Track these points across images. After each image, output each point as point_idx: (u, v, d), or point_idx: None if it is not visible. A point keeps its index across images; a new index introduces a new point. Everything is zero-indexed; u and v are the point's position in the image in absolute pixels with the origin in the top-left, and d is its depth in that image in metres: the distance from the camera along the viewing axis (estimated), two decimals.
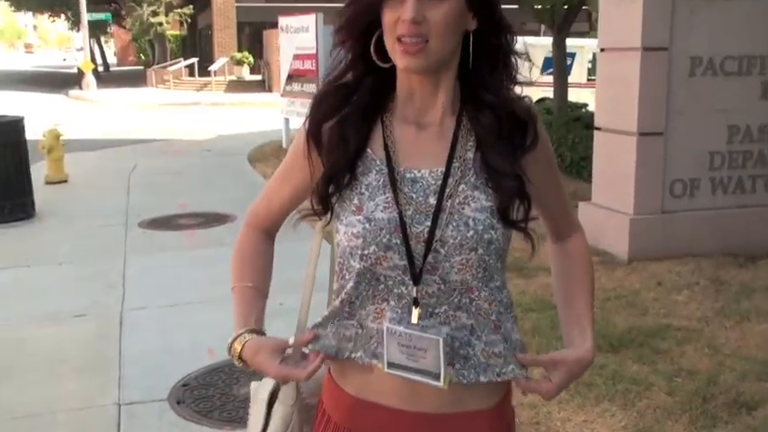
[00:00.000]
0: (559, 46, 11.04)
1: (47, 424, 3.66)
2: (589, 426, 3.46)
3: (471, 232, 1.36)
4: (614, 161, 6.11)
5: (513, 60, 1.43)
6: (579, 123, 9.77)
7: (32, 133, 8.84)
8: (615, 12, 5.98)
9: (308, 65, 11.62)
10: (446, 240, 1.36)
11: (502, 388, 1.48)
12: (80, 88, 29.85)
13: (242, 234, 1.64)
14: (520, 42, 1.45)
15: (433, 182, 1.40)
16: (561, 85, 11.27)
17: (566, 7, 10.71)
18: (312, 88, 11.16)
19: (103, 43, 50.40)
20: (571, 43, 12.50)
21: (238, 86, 29.28)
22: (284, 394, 1.55)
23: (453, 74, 1.42)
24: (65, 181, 9.87)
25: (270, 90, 26.36)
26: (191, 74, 32.41)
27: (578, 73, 16.06)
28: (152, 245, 6.82)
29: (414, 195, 1.39)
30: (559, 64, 11.23)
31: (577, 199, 6.64)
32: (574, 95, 12.60)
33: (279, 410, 1.55)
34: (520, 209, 1.42)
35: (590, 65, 15.86)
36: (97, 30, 42.62)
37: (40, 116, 16.32)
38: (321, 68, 11.08)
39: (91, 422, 3.67)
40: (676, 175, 5.92)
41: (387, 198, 1.39)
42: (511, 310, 1.45)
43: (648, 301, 4.95)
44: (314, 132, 1.45)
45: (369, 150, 1.43)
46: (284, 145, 12.26)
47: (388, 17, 1.35)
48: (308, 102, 1.53)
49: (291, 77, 12.27)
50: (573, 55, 15.03)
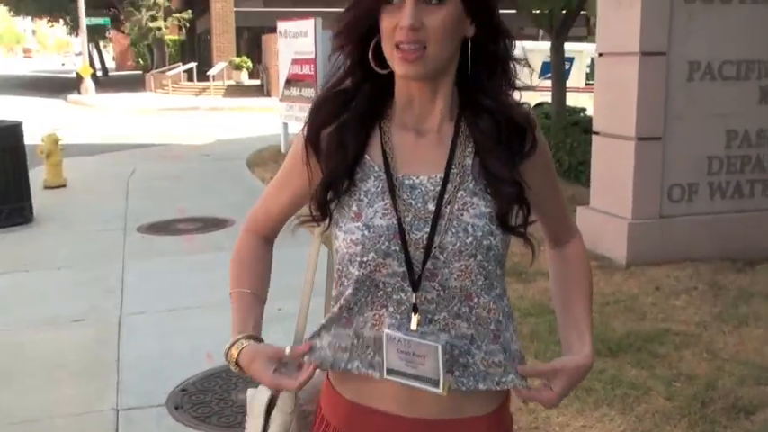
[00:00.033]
0: (557, 50, 11.05)
1: (45, 429, 3.65)
2: (588, 430, 3.46)
3: (470, 238, 1.36)
4: (612, 166, 6.11)
5: (512, 66, 1.43)
6: (577, 128, 9.77)
7: (31, 138, 8.84)
8: (613, 16, 5.98)
9: (307, 69, 11.63)
10: (445, 247, 1.36)
11: (500, 394, 1.48)
12: (79, 93, 29.85)
13: (240, 239, 1.64)
14: (518, 47, 1.45)
15: (432, 188, 1.39)
16: (559, 90, 11.28)
17: (564, 12, 10.72)
18: (311, 93, 11.18)
19: (102, 48, 50.40)
20: (569, 48, 12.52)
21: (237, 91, 29.29)
22: (282, 402, 1.54)
23: (451, 80, 1.42)
24: (63, 186, 9.86)
25: (268, 95, 26.38)
26: (189, 78, 32.41)
27: (576, 77, 16.08)
28: (150, 250, 6.82)
29: (412, 202, 1.39)
30: (558, 68, 11.23)
31: (576, 203, 6.65)
32: (572, 100, 12.61)
33: (277, 418, 1.55)
34: (519, 214, 1.42)
35: (588, 69, 15.88)
36: (96, 34, 42.64)
37: (39, 121, 16.30)
38: (320, 73, 11.10)
39: (89, 427, 3.66)
40: (674, 180, 5.92)
41: (385, 205, 1.39)
42: (511, 320, 1.45)
43: (647, 306, 4.95)
44: (312, 139, 1.45)
45: (367, 157, 1.43)
46: (283, 149, 12.26)
47: (386, 23, 1.35)
48: (307, 106, 1.53)
49: (290, 82, 12.28)
50: (571, 59, 15.05)
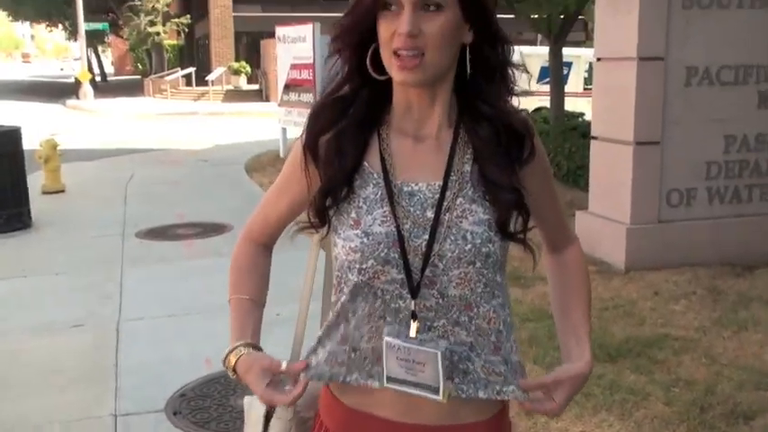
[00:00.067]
0: (556, 55, 11.06)
1: None
2: None
3: (469, 246, 1.36)
4: (611, 170, 6.11)
5: (510, 72, 1.43)
6: (576, 132, 9.78)
7: (29, 143, 8.84)
8: (611, 22, 5.99)
9: (305, 74, 11.65)
10: (444, 254, 1.36)
11: (500, 400, 1.47)
12: (77, 98, 29.88)
13: (239, 245, 1.64)
14: (516, 53, 1.45)
15: (431, 195, 1.39)
16: (558, 95, 11.29)
17: (562, 17, 10.74)
18: (309, 98, 11.18)
19: (101, 53, 50.45)
20: (567, 53, 12.54)
21: (236, 96, 29.32)
22: (281, 409, 1.54)
23: (450, 86, 1.42)
24: (62, 191, 9.86)
25: (267, 99, 26.40)
26: (188, 83, 32.45)
27: (575, 82, 16.11)
28: (149, 255, 6.81)
29: (411, 209, 1.39)
30: (556, 73, 11.25)
31: (574, 208, 6.65)
32: (570, 105, 12.63)
33: (276, 426, 1.54)
34: (518, 221, 1.42)
35: (586, 74, 15.91)
36: (95, 39, 42.68)
37: (38, 126, 16.32)
38: (318, 78, 11.11)
39: None
40: (673, 185, 5.92)
41: (384, 212, 1.38)
42: (512, 330, 1.45)
43: (646, 311, 4.95)
44: (311, 145, 1.45)
45: (366, 163, 1.42)
46: (281, 154, 12.26)
47: (384, 30, 1.35)
48: (305, 111, 1.53)
49: (288, 87, 12.30)
50: (569, 64, 15.07)
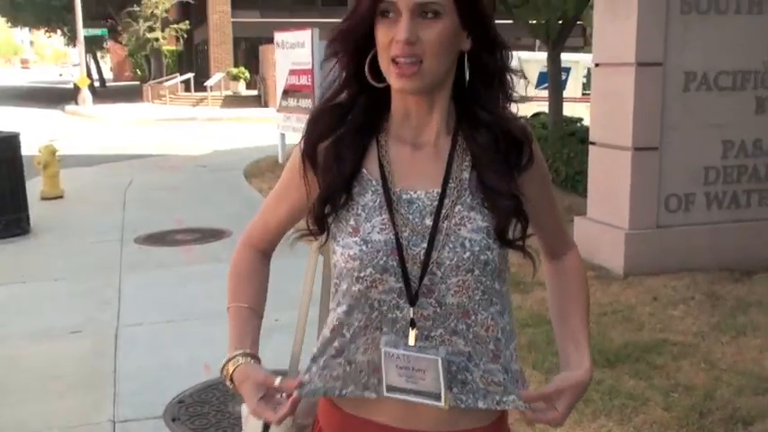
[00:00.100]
0: (554, 61, 11.08)
1: None
2: None
3: (468, 253, 1.36)
4: (609, 176, 6.12)
5: (509, 78, 1.43)
6: (574, 138, 9.79)
7: (28, 149, 8.85)
8: (609, 27, 6.00)
9: (304, 80, 11.66)
10: (442, 262, 1.36)
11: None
12: (76, 104, 29.92)
13: (238, 251, 1.63)
14: (514, 58, 1.45)
15: (429, 203, 1.39)
16: (556, 100, 11.31)
17: (560, 22, 10.76)
18: (308, 103, 11.20)
19: (100, 59, 50.55)
20: (566, 58, 12.57)
21: (234, 101, 29.34)
22: None
23: (448, 93, 1.42)
24: (60, 197, 9.86)
25: (266, 105, 26.42)
26: (187, 89, 32.45)
27: (573, 88, 16.14)
28: (148, 261, 6.81)
29: (410, 217, 1.39)
30: (554, 79, 11.27)
31: (573, 213, 6.66)
32: (569, 110, 12.65)
33: None
34: (516, 228, 1.41)
35: (585, 79, 15.95)
36: (93, 45, 42.74)
37: (36, 132, 16.32)
38: (317, 84, 11.12)
39: None
40: (671, 190, 5.93)
41: (383, 220, 1.38)
42: (512, 338, 1.44)
43: (644, 316, 4.95)
44: (309, 152, 1.45)
45: (365, 171, 1.42)
46: (280, 160, 12.27)
47: (382, 37, 1.35)
48: (304, 117, 1.53)
49: (287, 93, 12.31)
50: (568, 70, 15.12)
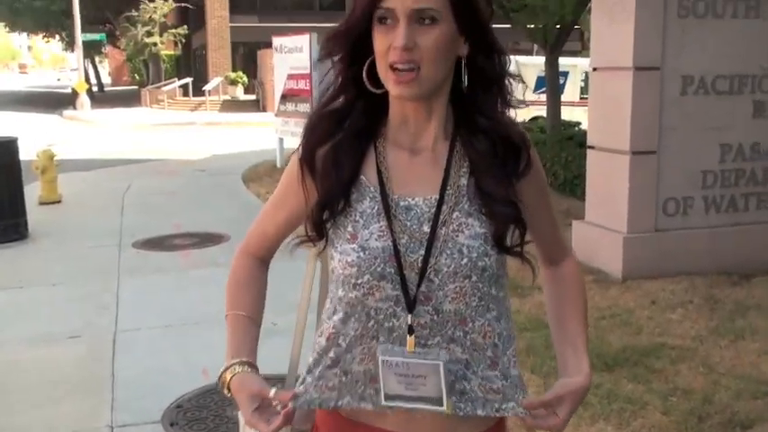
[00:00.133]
0: (552, 65, 11.11)
1: None
2: None
3: (465, 260, 1.36)
4: (607, 180, 6.12)
5: (507, 84, 1.42)
6: (572, 142, 9.81)
7: (26, 154, 8.82)
8: (607, 31, 6.01)
9: (302, 84, 11.67)
10: (440, 268, 1.36)
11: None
12: (74, 108, 29.89)
13: (237, 259, 1.63)
14: (512, 63, 1.44)
15: (427, 209, 1.39)
16: (554, 104, 11.33)
17: (558, 27, 10.78)
18: (306, 108, 11.20)
19: (98, 63, 50.51)
20: (564, 62, 12.59)
21: (233, 106, 29.35)
22: None
23: (446, 99, 1.42)
24: (58, 201, 9.84)
25: (264, 110, 26.42)
26: (185, 94, 32.48)
27: (571, 92, 16.18)
28: (146, 265, 6.80)
29: (408, 223, 1.39)
30: (552, 83, 11.29)
31: (571, 217, 6.66)
32: (567, 114, 12.68)
33: None
34: (514, 234, 1.41)
35: (583, 83, 15.98)
36: (92, 50, 42.72)
37: (34, 136, 16.30)
38: (315, 88, 11.12)
39: None
40: (669, 194, 5.93)
41: (381, 226, 1.38)
42: (510, 343, 1.44)
43: (643, 320, 4.95)
44: (307, 158, 1.45)
45: (363, 177, 1.42)
46: (278, 164, 12.27)
47: (380, 44, 1.34)
48: (302, 121, 1.53)
49: (285, 97, 12.32)
50: (566, 74, 15.14)
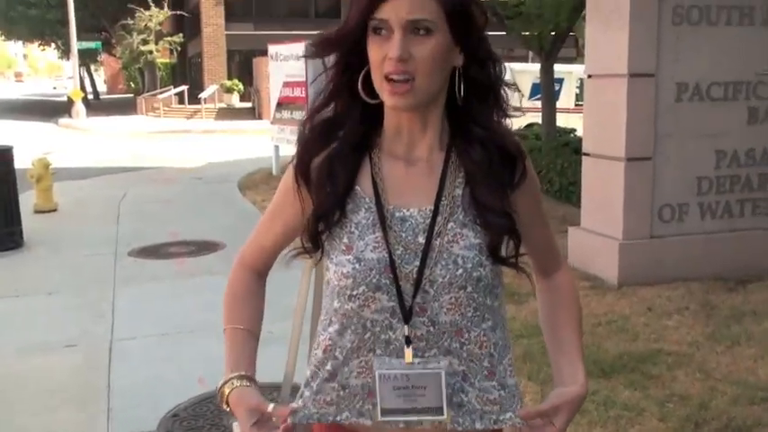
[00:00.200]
0: (547, 72, 11.13)
1: None
2: None
3: (460, 270, 1.36)
4: (603, 186, 6.13)
5: (503, 93, 1.42)
6: (568, 148, 9.82)
7: (22, 162, 8.82)
8: (602, 38, 6.03)
9: (298, 92, 11.67)
10: (435, 279, 1.36)
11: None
12: (70, 116, 29.84)
13: (234, 271, 1.62)
14: (507, 70, 1.44)
15: (422, 220, 1.39)
16: (549, 111, 11.35)
17: (553, 34, 10.81)
18: (301, 115, 11.16)
19: (93, 71, 50.50)
20: (559, 69, 12.62)
21: (228, 114, 29.34)
22: None
23: (441, 109, 1.42)
24: (54, 210, 9.82)
25: (260, 117, 26.41)
26: (180, 101, 32.47)
27: (566, 98, 16.20)
28: (142, 274, 6.79)
29: (403, 234, 1.39)
30: (547, 89, 11.31)
31: (566, 224, 6.67)
32: (562, 120, 12.69)
33: None
34: (509, 245, 1.41)
35: (578, 90, 16.01)
36: (87, 58, 42.73)
37: (30, 145, 16.29)
38: (311, 96, 11.13)
39: None
40: (665, 200, 5.94)
41: (376, 238, 1.38)
42: (506, 352, 1.44)
43: (639, 326, 4.95)
44: (302, 169, 1.45)
45: (358, 188, 1.42)
46: (274, 172, 12.28)
47: (375, 54, 1.34)
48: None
49: (281, 105, 12.32)
50: (561, 80, 15.18)
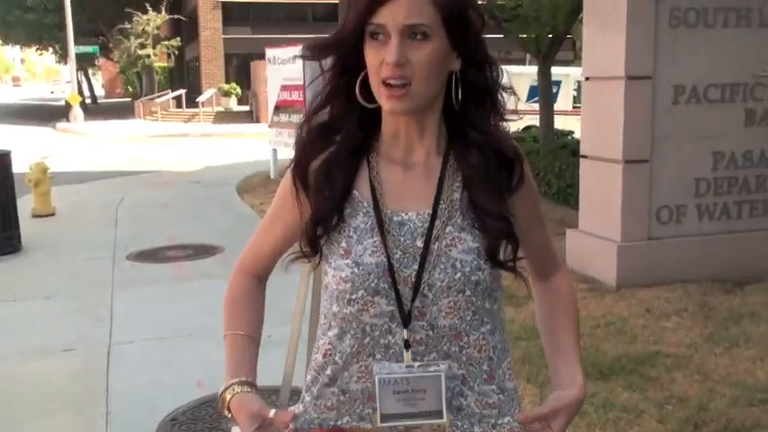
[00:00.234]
0: (545, 74, 11.14)
1: None
2: None
3: (459, 274, 1.36)
4: (600, 188, 6.13)
5: (501, 97, 1.42)
6: (565, 151, 9.83)
7: (19, 166, 8.82)
8: (599, 41, 6.04)
9: (296, 96, 11.68)
10: (434, 283, 1.36)
11: None
12: (68, 121, 29.85)
13: (234, 277, 1.62)
14: (503, 73, 1.44)
15: (421, 224, 1.39)
16: (547, 113, 11.36)
17: (550, 36, 10.82)
18: (299, 119, 11.18)
19: (91, 76, 50.53)
20: (556, 71, 12.63)
21: (226, 117, 29.35)
22: None
23: (438, 114, 1.42)
24: (52, 214, 9.82)
25: (257, 121, 26.43)
26: (178, 105, 32.46)
27: (564, 101, 16.22)
28: (140, 277, 6.78)
29: (401, 238, 1.39)
30: (545, 92, 11.32)
31: (564, 226, 6.67)
32: (560, 123, 12.71)
33: None
34: (507, 249, 1.42)
35: (575, 92, 16.02)
36: (85, 62, 42.73)
37: (28, 149, 16.28)
38: (308, 99, 11.14)
39: None
40: (662, 202, 5.95)
41: (375, 242, 1.38)
42: (506, 355, 1.44)
43: (637, 328, 4.95)
44: (300, 174, 1.45)
45: (356, 192, 1.42)
46: (272, 176, 12.28)
47: (372, 59, 1.34)
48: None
49: (279, 108, 12.32)
50: (558, 83, 15.18)
